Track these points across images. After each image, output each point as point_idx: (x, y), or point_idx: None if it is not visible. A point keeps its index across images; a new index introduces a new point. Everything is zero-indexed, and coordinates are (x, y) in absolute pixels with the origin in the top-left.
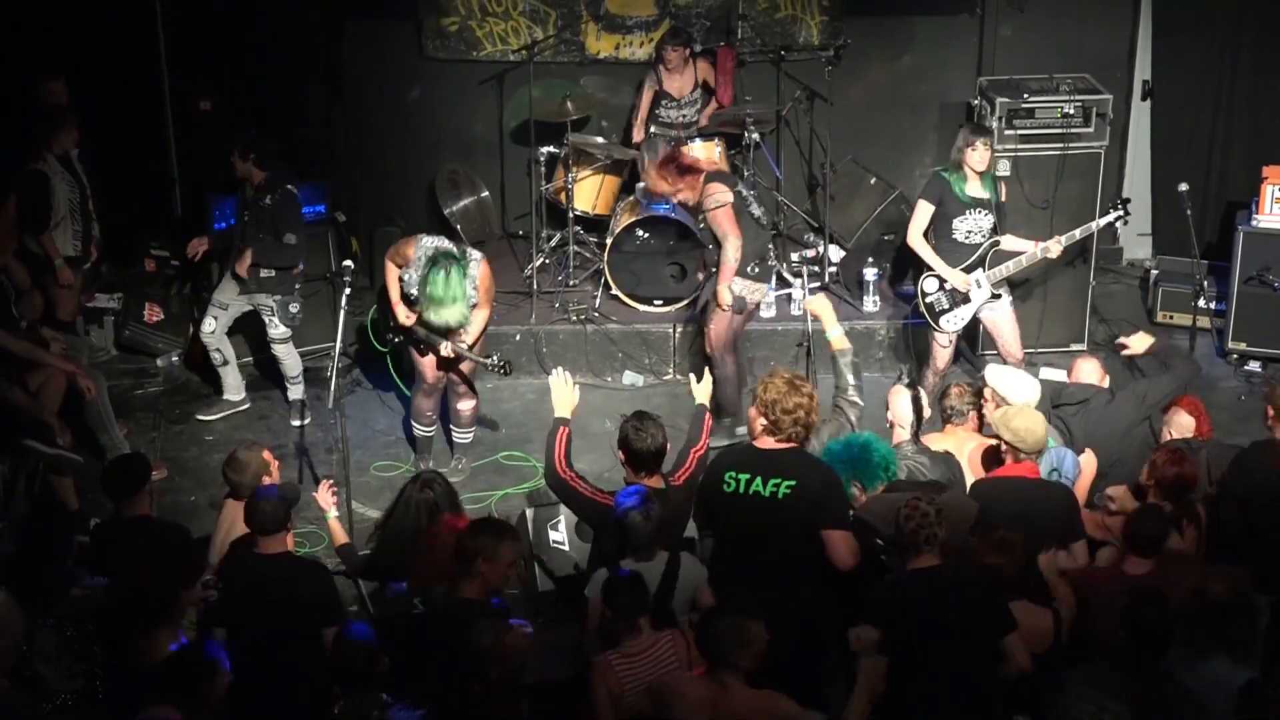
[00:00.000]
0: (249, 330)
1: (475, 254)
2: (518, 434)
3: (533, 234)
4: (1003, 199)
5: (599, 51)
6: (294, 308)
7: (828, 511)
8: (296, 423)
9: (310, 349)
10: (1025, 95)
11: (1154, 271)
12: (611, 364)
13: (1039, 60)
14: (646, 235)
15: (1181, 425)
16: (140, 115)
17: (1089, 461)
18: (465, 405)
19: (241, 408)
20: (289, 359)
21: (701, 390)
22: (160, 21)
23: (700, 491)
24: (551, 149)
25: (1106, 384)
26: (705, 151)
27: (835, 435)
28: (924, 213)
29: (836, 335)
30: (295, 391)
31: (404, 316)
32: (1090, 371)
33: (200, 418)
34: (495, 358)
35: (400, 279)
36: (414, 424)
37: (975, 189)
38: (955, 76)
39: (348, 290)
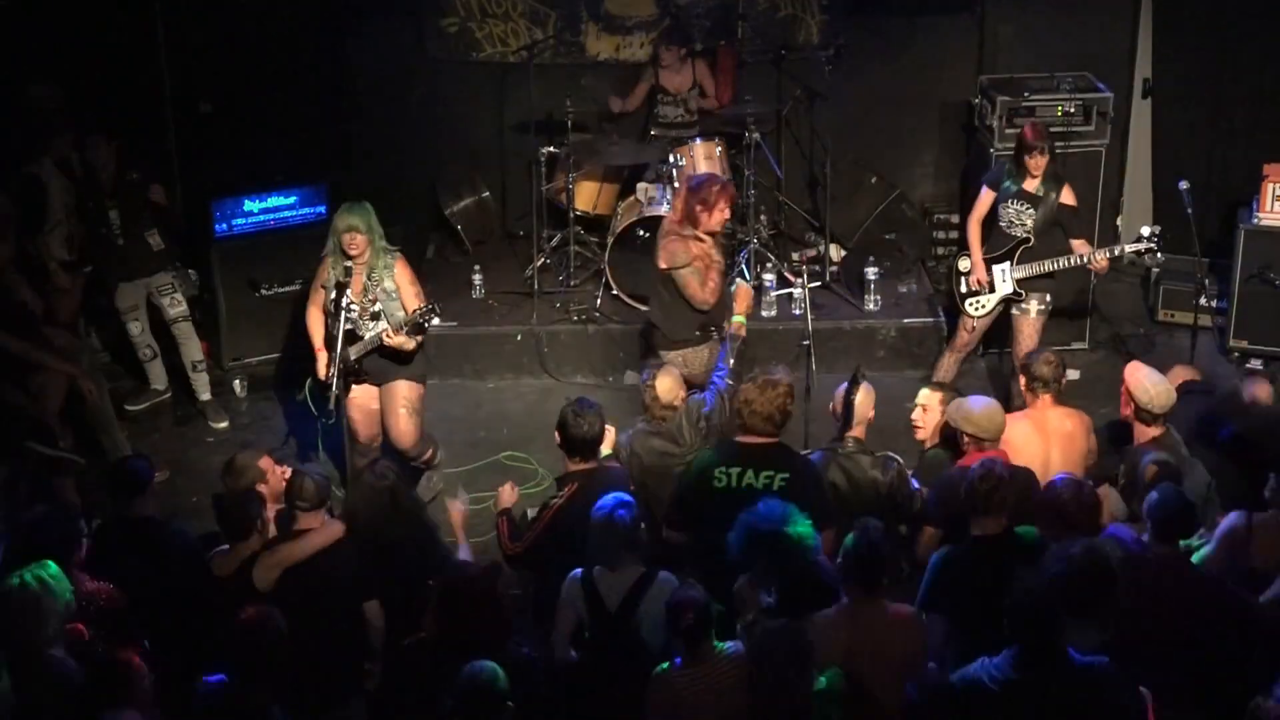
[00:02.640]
0: (254, 331)
1: (394, 251)
2: (520, 434)
3: (533, 234)
4: (1066, 201)
5: (599, 53)
6: (192, 273)
7: (820, 511)
8: (222, 424)
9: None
10: (1026, 94)
11: (1155, 270)
12: (612, 364)
13: (1039, 59)
14: (647, 234)
15: None
16: (141, 117)
17: None
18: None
19: (165, 396)
20: (191, 341)
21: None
22: (160, 23)
23: (684, 492)
24: (552, 149)
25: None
26: (705, 151)
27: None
28: (983, 198)
29: (739, 321)
30: (202, 386)
31: (324, 367)
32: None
33: (128, 407)
34: (423, 307)
35: (328, 299)
36: None
37: (1030, 184)
38: (956, 75)
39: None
